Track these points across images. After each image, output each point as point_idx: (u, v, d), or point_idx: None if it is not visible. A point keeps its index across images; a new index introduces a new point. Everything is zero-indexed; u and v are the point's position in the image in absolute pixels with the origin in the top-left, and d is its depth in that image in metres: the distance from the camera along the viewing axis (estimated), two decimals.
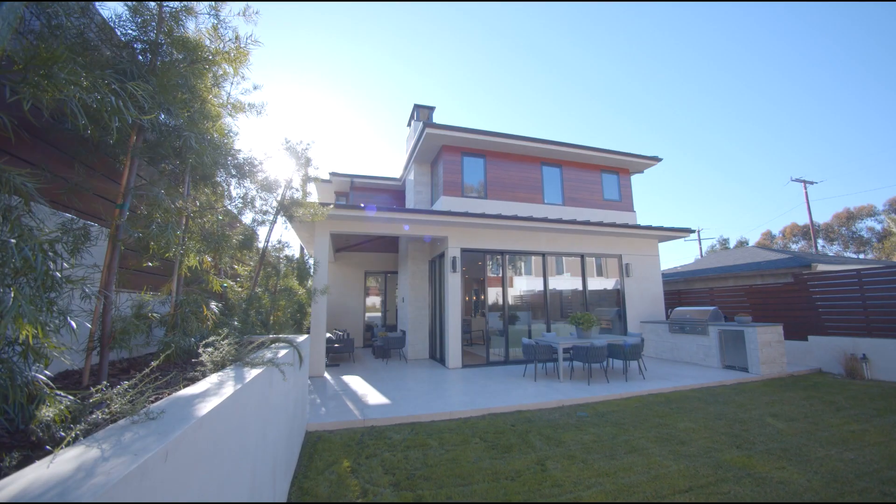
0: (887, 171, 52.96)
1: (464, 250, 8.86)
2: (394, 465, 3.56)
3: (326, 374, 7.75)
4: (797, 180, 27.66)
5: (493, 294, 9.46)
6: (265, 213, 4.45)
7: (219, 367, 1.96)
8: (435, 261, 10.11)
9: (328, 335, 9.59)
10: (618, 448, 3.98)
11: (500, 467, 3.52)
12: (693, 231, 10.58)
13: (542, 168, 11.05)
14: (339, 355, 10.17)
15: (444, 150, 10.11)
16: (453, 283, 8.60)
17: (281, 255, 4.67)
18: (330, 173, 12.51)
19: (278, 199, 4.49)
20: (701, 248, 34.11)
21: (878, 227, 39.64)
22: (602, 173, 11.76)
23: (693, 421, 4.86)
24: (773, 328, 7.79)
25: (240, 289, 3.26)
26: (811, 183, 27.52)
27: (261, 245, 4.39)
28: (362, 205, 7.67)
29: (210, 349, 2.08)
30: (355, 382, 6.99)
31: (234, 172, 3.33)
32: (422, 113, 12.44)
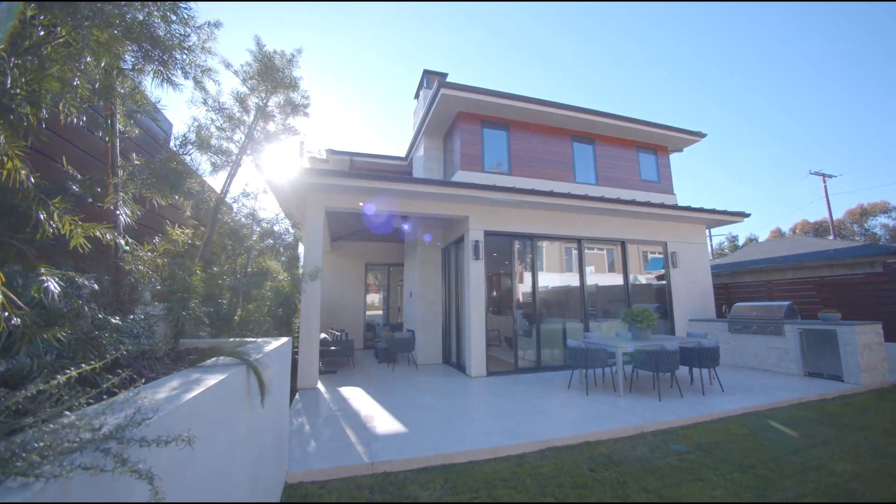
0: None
1: (487, 233, 7.34)
2: None
3: (320, 385, 6.21)
4: (816, 173, 26.50)
5: (518, 288, 7.94)
6: (226, 153, 2.91)
7: None
8: (449, 248, 8.58)
9: (323, 335, 8.05)
10: None
11: None
12: (748, 214, 9.11)
13: (572, 143, 9.53)
14: (336, 360, 8.62)
15: (460, 118, 8.58)
16: (476, 273, 7.08)
17: (247, 216, 3.11)
18: (327, 151, 10.96)
19: (245, 131, 2.96)
20: (711, 246, 32.85)
21: (892, 223, 38.58)
22: (638, 151, 10.26)
23: (850, 460, 3.36)
24: (872, 327, 6.32)
25: (150, 254, 1.74)
26: (830, 176, 26.33)
27: (224, 202, 2.84)
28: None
29: None
30: (357, 397, 5.46)
31: (147, 45, 1.79)
32: (431, 80, 10.90)
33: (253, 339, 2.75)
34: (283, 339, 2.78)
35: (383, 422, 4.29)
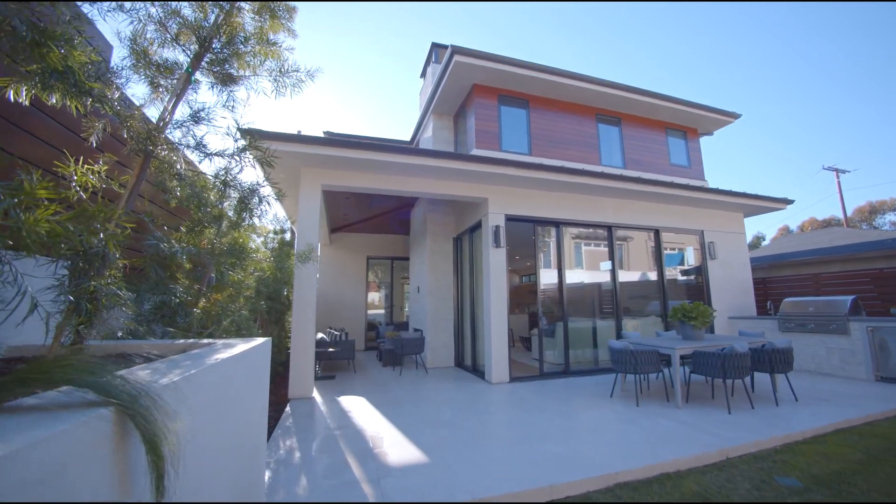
0: None
1: (508, 218, 6.42)
2: None
3: (316, 394, 5.29)
4: (829, 168, 25.69)
5: (541, 282, 7.03)
6: (167, 70, 1.99)
7: None
8: (462, 237, 7.67)
9: (320, 335, 7.12)
10: None
11: None
12: (792, 201, 8.22)
13: (597, 124, 8.62)
14: (335, 363, 7.71)
15: (475, 92, 7.65)
16: (497, 263, 6.15)
17: (215, 172, 2.17)
18: (324, 133, 10.02)
19: (202, 35, 2.03)
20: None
21: None
22: (667, 134, 9.36)
23: None
24: None
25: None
26: (844, 172, 25.57)
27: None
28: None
29: None
30: (360, 409, 4.54)
31: None
32: (441, 54, 9.96)
33: (210, 341, 1.84)
34: (256, 342, 1.87)
35: (395, 445, 3.37)
